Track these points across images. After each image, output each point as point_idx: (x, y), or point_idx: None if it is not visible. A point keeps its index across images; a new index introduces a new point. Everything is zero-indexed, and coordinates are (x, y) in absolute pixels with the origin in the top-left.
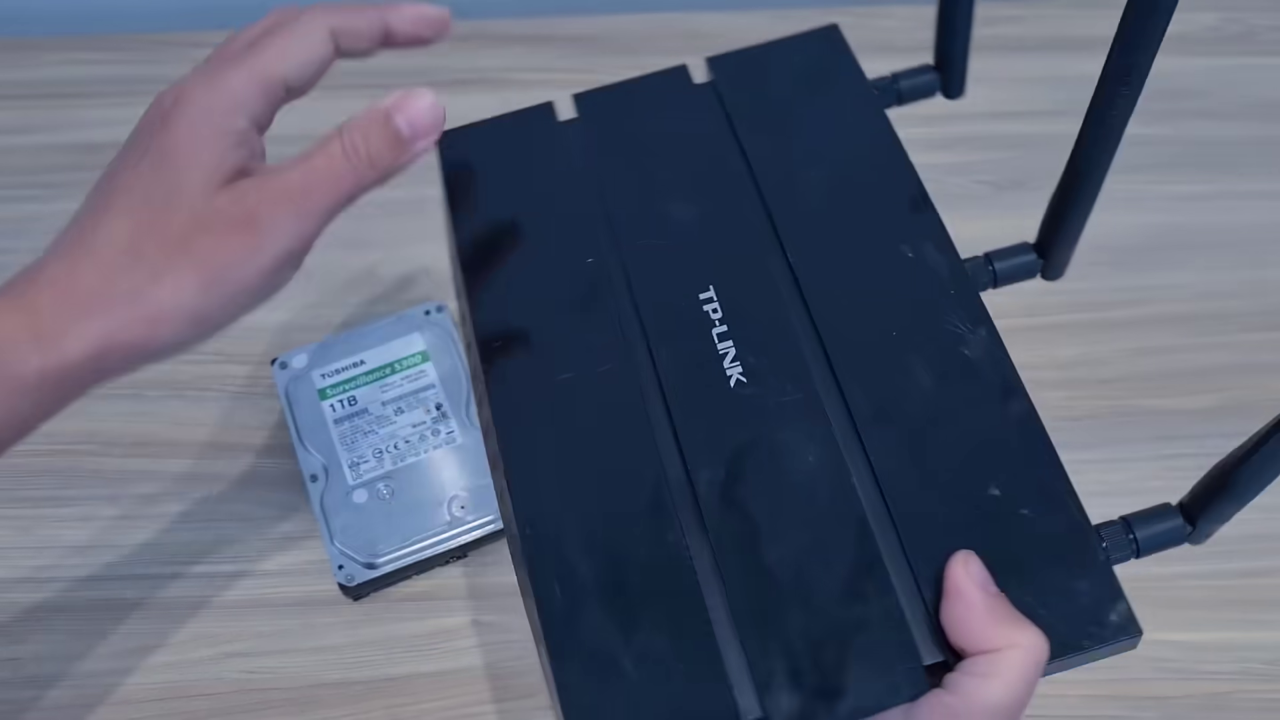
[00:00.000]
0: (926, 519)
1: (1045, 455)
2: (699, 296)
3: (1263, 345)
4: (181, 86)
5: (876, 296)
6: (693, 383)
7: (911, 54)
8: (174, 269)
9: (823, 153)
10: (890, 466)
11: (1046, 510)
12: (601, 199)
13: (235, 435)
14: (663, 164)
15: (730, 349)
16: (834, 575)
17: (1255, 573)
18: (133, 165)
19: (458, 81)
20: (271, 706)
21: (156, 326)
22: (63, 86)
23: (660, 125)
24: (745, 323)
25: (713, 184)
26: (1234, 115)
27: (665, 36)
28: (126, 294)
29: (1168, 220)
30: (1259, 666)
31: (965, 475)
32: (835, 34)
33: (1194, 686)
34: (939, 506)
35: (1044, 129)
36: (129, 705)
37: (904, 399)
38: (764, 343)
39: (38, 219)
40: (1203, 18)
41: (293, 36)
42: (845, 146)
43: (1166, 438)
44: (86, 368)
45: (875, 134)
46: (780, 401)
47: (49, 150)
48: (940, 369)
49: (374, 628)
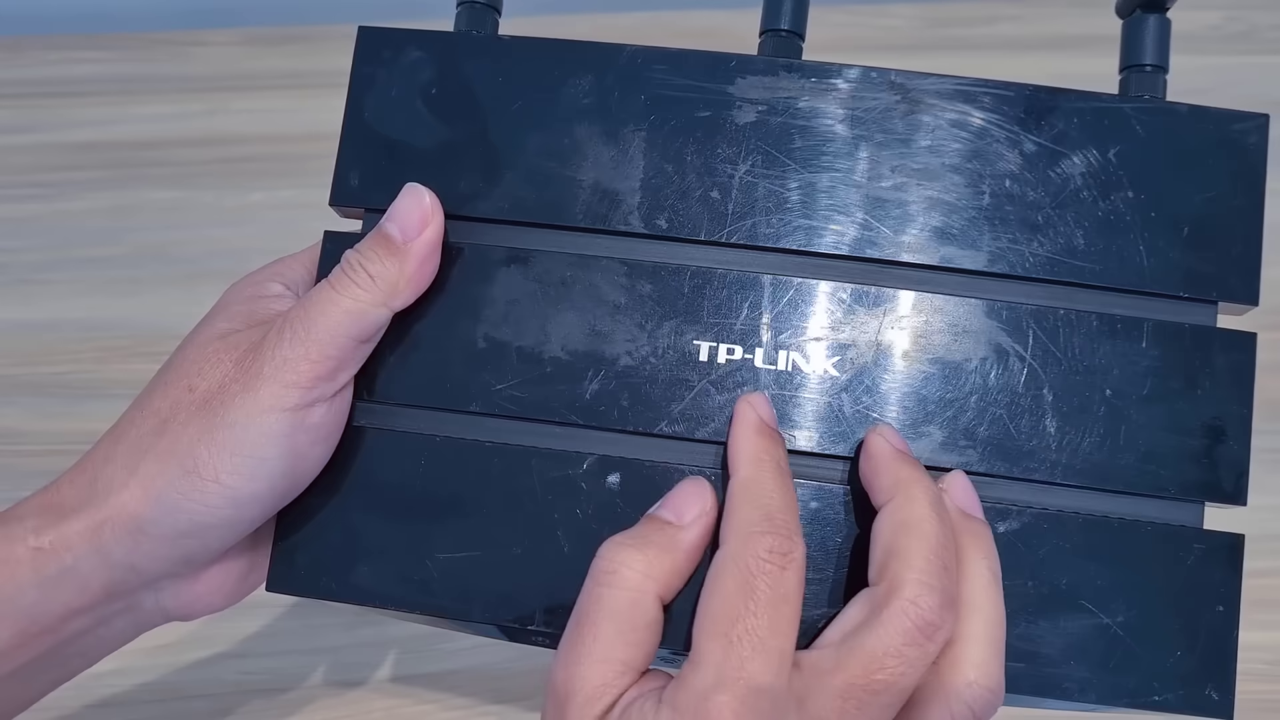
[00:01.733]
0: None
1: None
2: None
3: (1263, 345)
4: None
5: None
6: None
7: (912, 54)
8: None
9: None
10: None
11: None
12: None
13: None
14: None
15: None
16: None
17: (1256, 573)
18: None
19: None
20: (271, 706)
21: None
22: (61, 86)
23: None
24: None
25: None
26: None
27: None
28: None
29: None
30: (1260, 666)
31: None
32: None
33: None
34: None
35: None
36: (129, 705)
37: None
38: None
39: (37, 218)
40: (1205, 16)
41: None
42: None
43: None
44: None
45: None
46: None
47: (48, 149)
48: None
49: (372, 629)
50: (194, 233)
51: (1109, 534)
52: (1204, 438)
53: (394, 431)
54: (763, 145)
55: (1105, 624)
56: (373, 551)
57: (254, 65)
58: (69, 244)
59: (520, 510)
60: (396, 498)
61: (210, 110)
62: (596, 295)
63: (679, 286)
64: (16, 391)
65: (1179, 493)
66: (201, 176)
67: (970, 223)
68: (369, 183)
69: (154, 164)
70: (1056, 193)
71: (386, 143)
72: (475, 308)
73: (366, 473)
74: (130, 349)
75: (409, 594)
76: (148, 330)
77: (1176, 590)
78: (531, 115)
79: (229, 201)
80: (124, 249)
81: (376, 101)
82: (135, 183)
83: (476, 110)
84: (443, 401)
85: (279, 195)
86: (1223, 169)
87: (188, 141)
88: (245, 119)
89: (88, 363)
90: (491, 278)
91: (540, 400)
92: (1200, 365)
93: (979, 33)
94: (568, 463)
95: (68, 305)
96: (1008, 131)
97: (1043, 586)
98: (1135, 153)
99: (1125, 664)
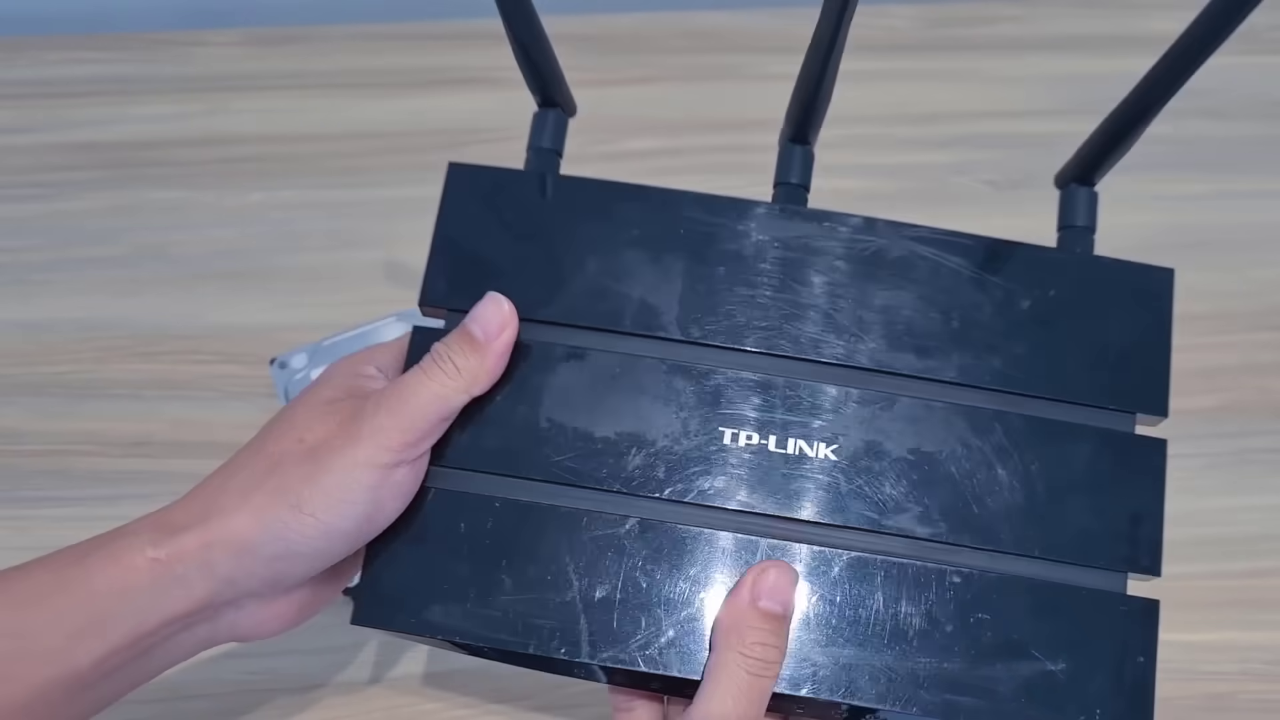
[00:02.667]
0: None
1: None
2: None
3: (1264, 345)
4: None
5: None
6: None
7: (913, 54)
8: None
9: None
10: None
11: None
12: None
13: (234, 435)
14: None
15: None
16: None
17: (1256, 573)
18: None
19: (458, 80)
20: (271, 706)
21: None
22: (61, 86)
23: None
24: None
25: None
26: (1236, 115)
27: (666, 35)
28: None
29: (1169, 220)
30: (1260, 667)
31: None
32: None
33: (1195, 687)
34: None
35: (1044, 128)
36: (130, 705)
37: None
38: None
39: (37, 218)
40: None
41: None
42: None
43: (1168, 438)
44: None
45: None
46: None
47: (48, 149)
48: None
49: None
50: (194, 233)
51: (1052, 596)
52: (1126, 523)
53: (467, 493)
54: (777, 273)
55: (1050, 669)
56: (446, 593)
57: (254, 66)
58: (69, 244)
59: (572, 561)
60: (467, 549)
61: (210, 110)
62: (640, 388)
63: (708, 384)
64: (16, 391)
65: (1107, 565)
66: (201, 177)
67: (942, 343)
68: (454, 289)
69: (154, 164)
70: (1010, 322)
71: (469, 257)
72: (539, 394)
73: (442, 527)
74: (130, 349)
75: (475, 629)
76: (147, 330)
77: (1105, 644)
78: (589, 241)
79: (229, 202)
80: (124, 249)
81: (461, 225)
82: (135, 183)
83: (544, 235)
84: (510, 469)
85: (279, 195)
86: (1139, 309)
87: (188, 141)
88: (245, 119)
89: (87, 362)
90: (553, 370)
91: (591, 470)
92: (1120, 464)
93: (979, 33)
94: (612, 524)
95: (67, 305)
96: (972, 274)
97: (998, 637)
98: (1070, 295)
99: (1066, 703)
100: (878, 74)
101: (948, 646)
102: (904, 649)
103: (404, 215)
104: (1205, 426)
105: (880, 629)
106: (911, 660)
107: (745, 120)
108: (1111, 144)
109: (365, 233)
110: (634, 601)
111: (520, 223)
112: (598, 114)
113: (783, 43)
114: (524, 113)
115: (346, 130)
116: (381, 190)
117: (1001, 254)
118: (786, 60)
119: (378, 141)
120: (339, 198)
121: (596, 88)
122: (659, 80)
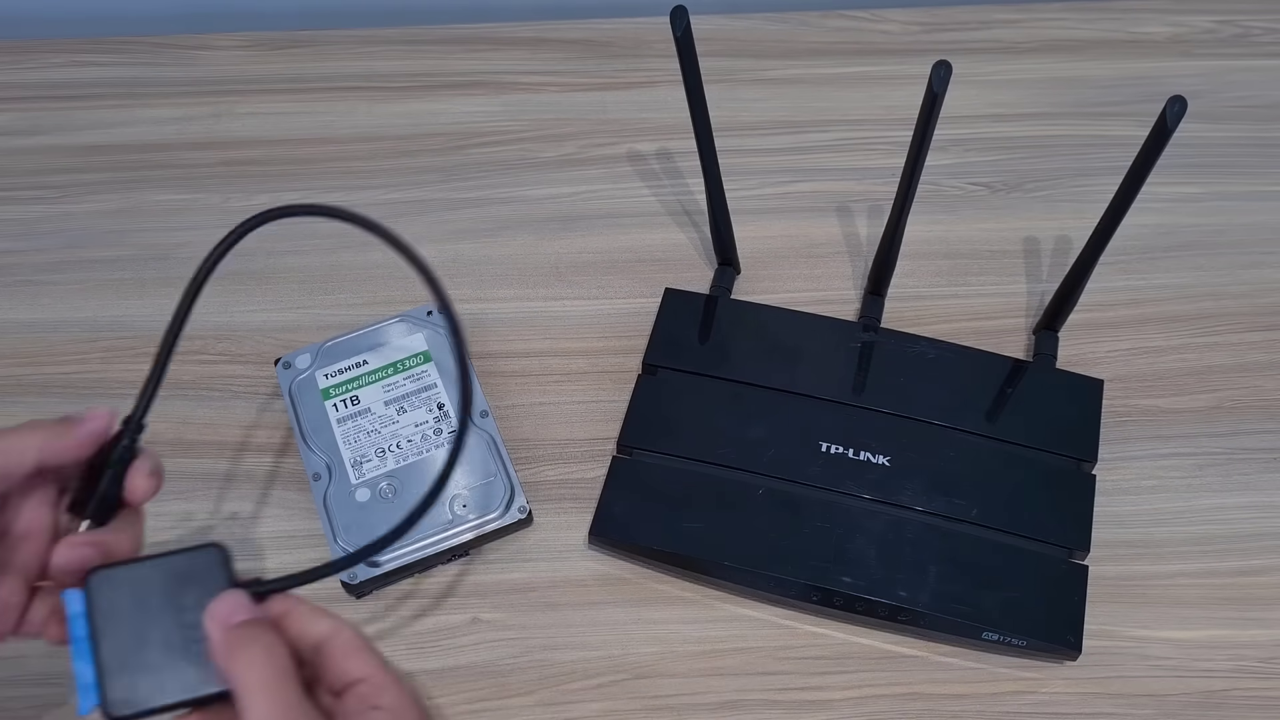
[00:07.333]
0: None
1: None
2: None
3: (1258, 345)
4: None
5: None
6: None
7: (909, 58)
8: None
9: None
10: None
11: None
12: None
13: (239, 435)
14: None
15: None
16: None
17: (1250, 571)
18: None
19: (459, 84)
20: None
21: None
22: (67, 88)
23: None
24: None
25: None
26: (1230, 117)
27: (667, 40)
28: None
29: (1164, 221)
30: (1254, 664)
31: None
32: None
33: (1190, 684)
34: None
35: (1040, 131)
36: None
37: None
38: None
39: (43, 220)
40: (1199, 20)
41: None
42: None
43: (1162, 437)
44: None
45: None
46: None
47: (54, 151)
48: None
49: (376, 625)
50: (199, 235)
51: (1020, 555)
52: (1070, 521)
53: (661, 466)
54: (854, 366)
55: (1016, 595)
56: (653, 525)
57: (259, 69)
58: (75, 245)
59: (729, 509)
60: (664, 498)
61: (215, 113)
62: (775, 415)
63: (814, 416)
64: (22, 392)
65: (1056, 542)
66: (207, 179)
67: (962, 410)
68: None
69: (159, 166)
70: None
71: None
72: (713, 413)
73: (647, 485)
74: (135, 350)
75: (671, 545)
76: (153, 331)
77: (1053, 585)
78: (751, 338)
79: (234, 204)
80: (129, 251)
81: (672, 324)
82: (141, 185)
83: (725, 331)
84: (690, 455)
85: (284, 198)
86: (1074, 410)
87: (193, 144)
88: (250, 122)
89: (93, 363)
90: (723, 402)
91: (740, 459)
92: (1062, 489)
93: (974, 36)
94: (751, 491)
95: (73, 306)
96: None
97: (982, 575)
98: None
99: (1026, 617)
100: (874, 77)
101: (954, 577)
102: (923, 576)
103: (405, 216)
104: (1198, 425)
105: (911, 562)
106: (931, 582)
107: (744, 123)
108: (1064, 302)
109: (369, 235)
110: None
111: (706, 325)
112: (600, 116)
113: (782, 48)
114: (523, 115)
115: (350, 133)
116: (384, 192)
117: (1004, 365)
118: (785, 64)
119: (380, 144)
120: (343, 200)
121: (599, 91)
122: (660, 84)
